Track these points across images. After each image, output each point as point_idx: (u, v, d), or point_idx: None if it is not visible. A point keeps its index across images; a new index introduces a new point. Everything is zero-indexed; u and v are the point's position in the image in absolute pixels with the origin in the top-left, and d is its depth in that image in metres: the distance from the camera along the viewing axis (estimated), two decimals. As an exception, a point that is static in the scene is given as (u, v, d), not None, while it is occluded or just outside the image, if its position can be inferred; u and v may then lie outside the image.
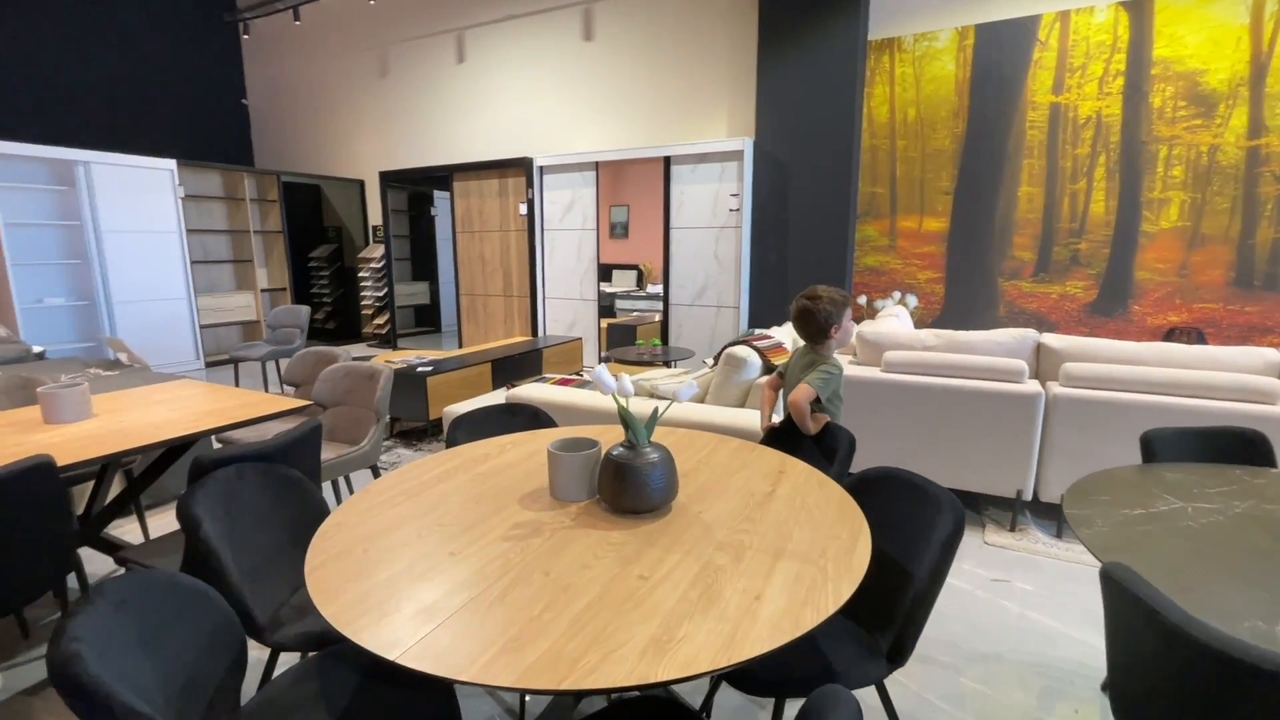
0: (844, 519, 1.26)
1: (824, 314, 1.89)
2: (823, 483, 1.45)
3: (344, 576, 1.06)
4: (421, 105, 7.07)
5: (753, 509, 1.32)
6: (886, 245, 5.02)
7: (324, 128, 7.90)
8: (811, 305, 1.91)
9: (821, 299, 1.91)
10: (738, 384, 2.69)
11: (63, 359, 3.73)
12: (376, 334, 7.80)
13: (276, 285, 7.29)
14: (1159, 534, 1.20)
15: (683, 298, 5.44)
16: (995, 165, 4.55)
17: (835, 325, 1.91)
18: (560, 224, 5.96)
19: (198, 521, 1.29)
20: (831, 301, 1.90)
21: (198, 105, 7.79)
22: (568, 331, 6.11)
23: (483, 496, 1.39)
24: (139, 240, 5.85)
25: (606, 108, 5.97)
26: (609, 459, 1.29)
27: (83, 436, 1.88)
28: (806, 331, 1.95)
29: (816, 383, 1.86)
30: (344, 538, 1.20)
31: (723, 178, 5.06)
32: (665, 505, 1.31)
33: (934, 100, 4.67)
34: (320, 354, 2.96)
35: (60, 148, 5.33)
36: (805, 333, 1.96)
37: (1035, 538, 2.60)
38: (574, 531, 1.22)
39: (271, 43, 8.04)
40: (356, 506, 1.34)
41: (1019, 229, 4.56)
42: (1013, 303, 4.67)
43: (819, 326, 1.91)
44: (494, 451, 1.69)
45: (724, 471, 1.53)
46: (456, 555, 1.13)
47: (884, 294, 5.02)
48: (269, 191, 7.15)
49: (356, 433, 2.56)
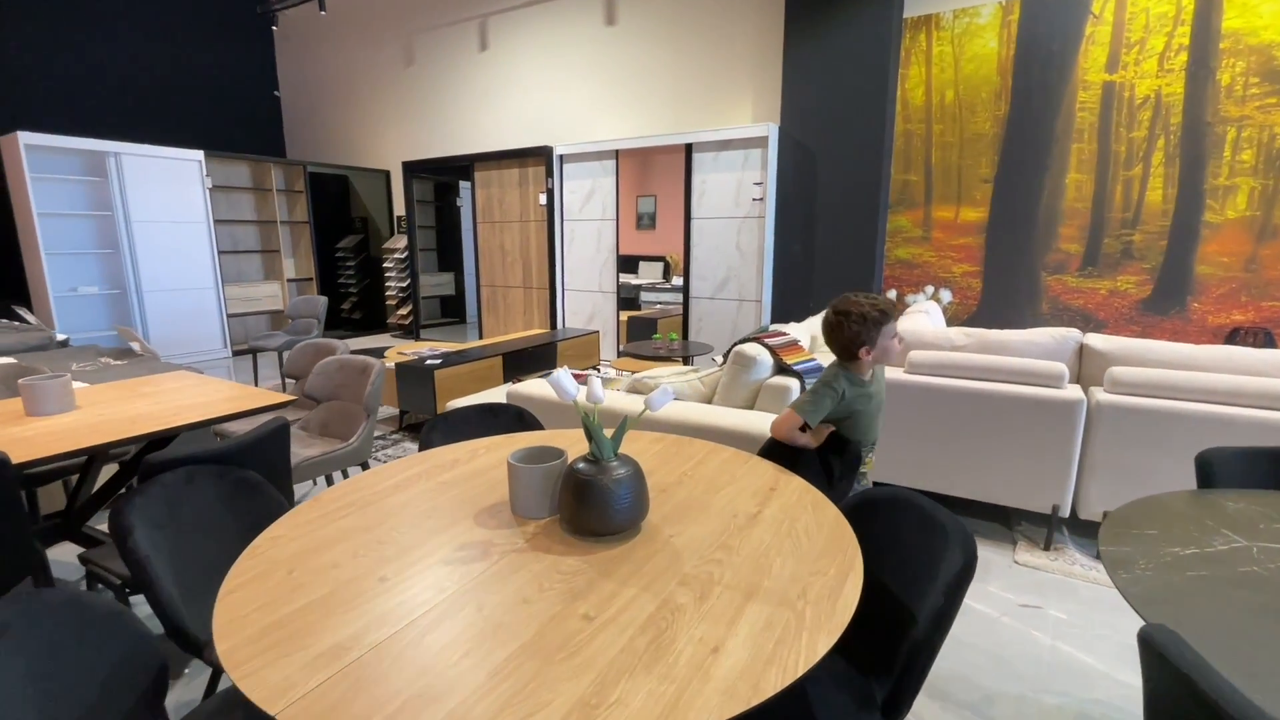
0: (834, 549, 1.10)
1: (851, 333, 1.60)
2: (817, 504, 1.28)
3: (256, 603, 0.95)
4: (445, 94, 7.02)
5: (732, 534, 1.16)
6: (920, 236, 4.73)
7: (351, 118, 7.93)
8: (837, 321, 1.62)
9: (850, 315, 1.60)
10: (746, 384, 2.51)
11: (81, 347, 3.77)
12: (400, 325, 7.83)
13: (303, 275, 7.36)
14: (1216, 582, 1.00)
15: (703, 290, 5.26)
16: (1041, 150, 4.23)
17: (866, 347, 1.61)
18: (580, 214, 5.83)
19: (127, 530, 1.20)
20: (863, 320, 1.59)
21: (231, 97, 7.89)
22: (587, 324, 5.99)
23: (437, 510, 1.26)
24: (168, 230, 5.95)
25: (627, 95, 5.80)
26: (570, 474, 1.15)
27: (60, 430, 1.83)
28: (835, 349, 1.69)
29: (804, 408, 1.65)
30: (274, 555, 1.09)
31: (746, 166, 4.84)
32: (632, 526, 1.17)
33: (974, 81, 4.37)
34: (319, 346, 2.90)
35: (91, 139, 5.43)
36: (834, 349, 1.70)
37: (1072, 558, 2.37)
38: (524, 556, 1.08)
39: (301, 35, 8.09)
40: (299, 518, 1.24)
41: (1065, 219, 4.23)
42: (1057, 298, 4.35)
43: (844, 346, 1.64)
44: (464, 457, 1.56)
45: (708, 487, 1.38)
46: (387, 581, 1.01)
47: (916, 288, 4.75)
48: (296, 182, 7.21)
49: (348, 428, 2.48)
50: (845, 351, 1.66)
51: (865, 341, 1.61)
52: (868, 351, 1.62)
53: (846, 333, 1.61)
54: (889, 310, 1.61)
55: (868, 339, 1.61)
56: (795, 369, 2.53)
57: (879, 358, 1.65)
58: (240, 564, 1.06)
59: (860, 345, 1.61)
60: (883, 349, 1.63)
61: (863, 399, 1.68)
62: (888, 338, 1.63)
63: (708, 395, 2.64)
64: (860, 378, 1.68)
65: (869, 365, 1.68)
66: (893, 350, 1.65)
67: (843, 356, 1.68)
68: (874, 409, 1.73)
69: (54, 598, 0.96)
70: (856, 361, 1.66)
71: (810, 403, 1.65)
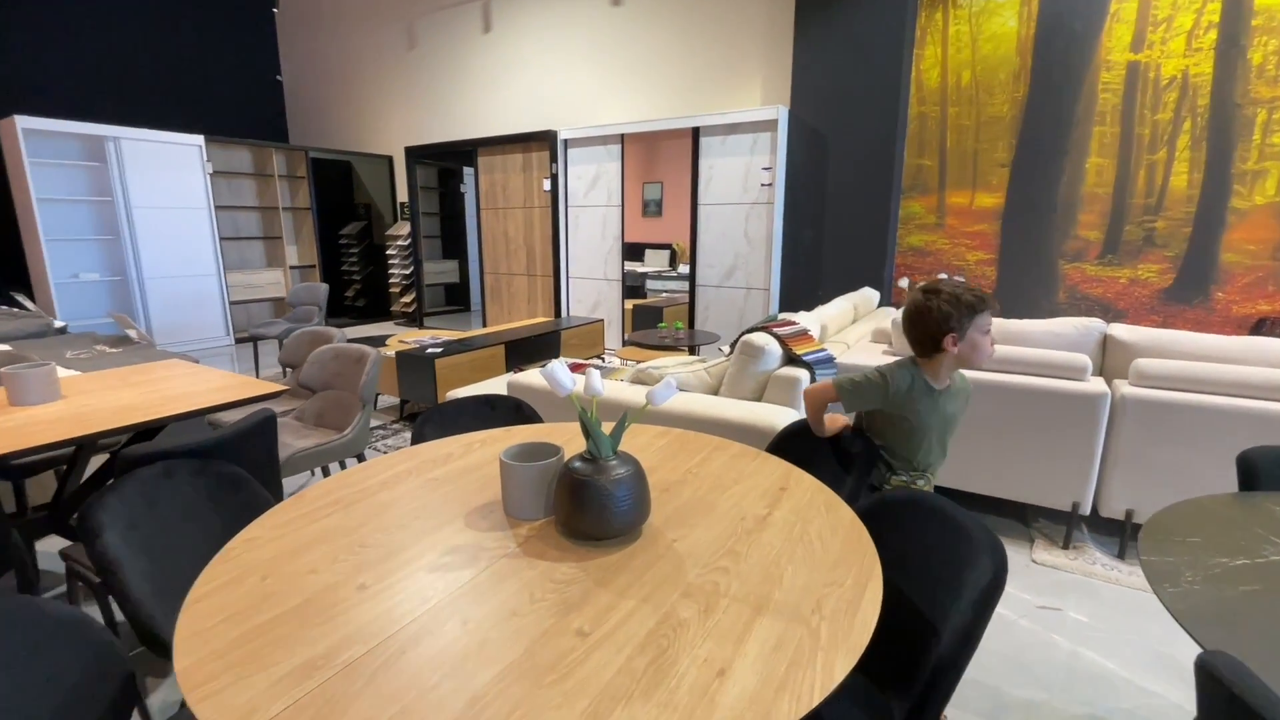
0: (850, 557, 1.01)
1: (940, 314, 1.39)
2: (831, 506, 1.19)
3: (223, 613, 0.88)
4: (448, 78, 6.89)
5: (740, 538, 1.08)
6: (933, 223, 4.60)
7: (354, 103, 7.82)
8: (924, 300, 1.42)
9: (940, 294, 1.40)
10: (754, 375, 2.42)
11: (78, 334, 3.72)
12: (404, 312, 7.76)
13: (306, 262, 7.30)
14: (1274, 597, 0.91)
15: (710, 278, 5.15)
16: (1060, 134, 4.08)
17: (952, 333, 1.39)
18: (584, 200, 5.72)
19: (97, 530, 1.13)
20: (955, 301, 1.38)
21: (232, 81, 7.79)
22: (591, 313, 5.91)
23: (426, 509, 1.19)
24: (169, 216, 5.88)
25: (633, 77, 5.66)
26: (565, 473, 1.07)
27: (43, 420, 1.76)
28: (913, 336, 1.46)
29: (844, 385, 1.50)
30: (248, 559, 1.02)
31: (755, 150, 4.72)
32: (632, 530, 1.08)
33: (992, 61, 4.21)
34: (316, 334, 2.83)
35: (90, 123, 5.35)
36: (912, 337, 1.47)
37: (1093, 557, 2.28)
38: (516, 562, 1.00)
39: (302, 17, 7.96)
40: (279, 517, 1.16)
41: (1085, 205, 4.09)
42: (1074, 287, 4.23)
43: (926, 332, 1.42)
44: (458, 451, 1.49)
45: (715, 486, 1.29)
46: (367, 590, 0.93)
47: (929, 277, 4.63)
48: (298, 168, 7.12)
49: (343, 419, 2.41)
50: (926, 341, 1.44)
51: (954, 328, 1.39)
52: (954, 340, 1.40)
53: (933, 315, 1.40)
54: (986, 300, 1.41)
55: (957, 325, 1.39)
56: (805, 359, 2.44)
57: (966, 354, 1.42)
58: (211, 569, 0.99)
59: (947, 332, 1.40)
60: (972, 343, 1.41)
61: (927, 408, 1.47)
62: (980, 330, 1.40)
63: (714, 386, 2.56)
64: (932, 381, 1.47)
65: (950, 365, 1.46)
66: (984, 348, 1.42)
67: (921, 349, 1.46)
68: (938, 425, 1.49)
69: (4, 605, 0.89)
70: (936, 358, 1.45)
71: (852, 382, 1.50)
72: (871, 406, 1.53)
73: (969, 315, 1.39)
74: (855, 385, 1.50)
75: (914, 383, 1.47)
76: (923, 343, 1.45)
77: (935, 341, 1.42)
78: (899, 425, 1.50)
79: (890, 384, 1.46)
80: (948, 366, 1.47)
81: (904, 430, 1.50)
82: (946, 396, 1.49)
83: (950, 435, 1.54)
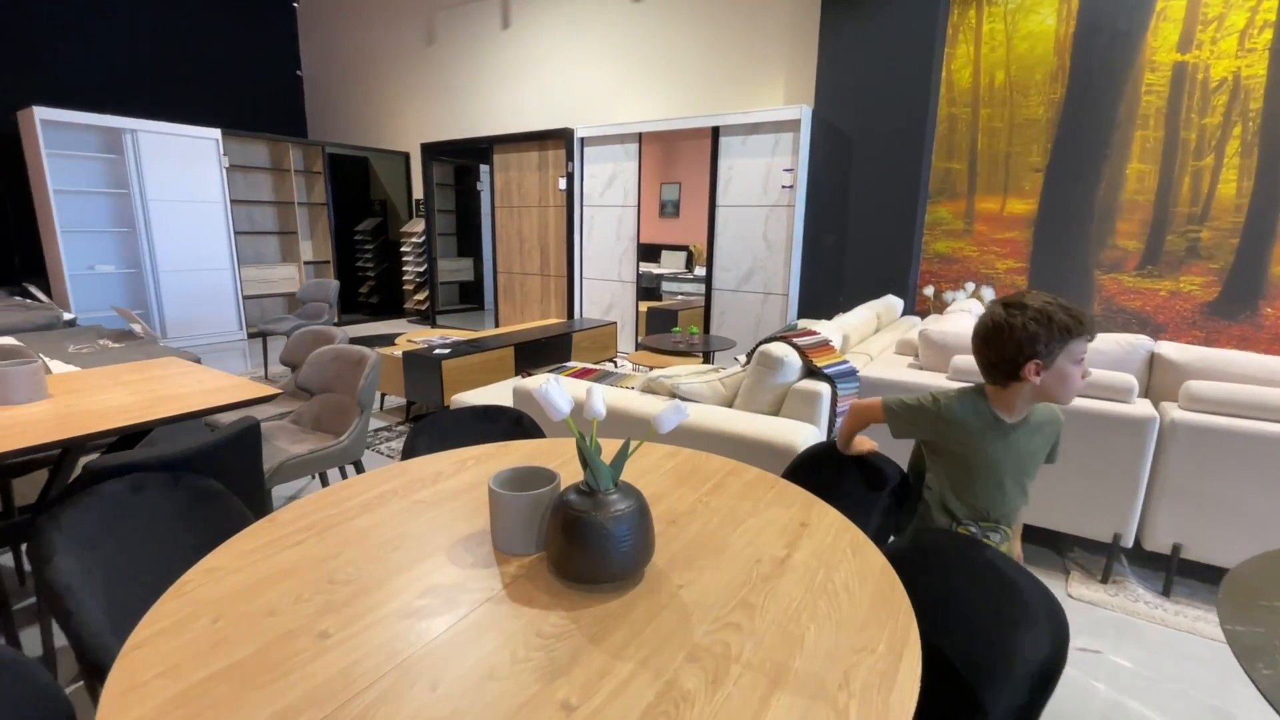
0: (882, 614, 0.88)
1: (1024, 335, 1.14)
2: (857, 547, 1.06)
3: (163, 665, 0.77)
4: (465, 74, 6.83)
5: (755, 586, 0.95)
6: (961, 229, 4.43)
7: (372, 98, 7.79)
8: (1007, 317, 1.17)
9: (1027, 310, 1.15)
10: (772, 388, 2.29)
11: (84, 328, 3.69)
12: (417, 310, 7.71)
13: (320, 258, 7.27)
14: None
15: (727, 282, 5.01)
16: (1099, 138, 3.89)
17: (1037, 360, 1.14)
18: (600, 200, 5.61)
19: (46, 554, 1.03)
20: (1045, 321, 1.13)
21: (251, 75, 7.80)
22: (605, 314, 5.79)
23: (406, 538, 1.08)
24: (185, 209, 5.87)
25: (652, 75, 5.54)
26: (560, 506, 0.95)
27: (23, 421, 1.68)
28: (986, 359, 1.22)
29: (892, 405, 1.31)
30: (203, 595, 0.91)
31: (776, 151, 4.57)
32: (633, 574, 0.96)
33: (1028, 61, 4.03)
34: (317, 334, 2.74)
35: (108, 115, 5.35)
36: (984, 360, 1.23)
37: (1135, 593, 2.12)
38: (500, 609, 0.89)
39: (323, 11, 7.95)
40: (246, 543, 1.06)
41: (1124, 213, 3.90)
42: (1110, 299, 4.03)
43: (1002, 356, 1.18)
44: (449, 469, 1.38)
45: (728, 518, 1.17)
46: (328, 639, 0.82)
47: (956, 285, 4.45)
48: (315, 163, 7.10)
49: (341, 424, 2.32)
50: (1001, 366, 1.19)
51: (1038, 354, 1.14)
52: (1037, 369, 1.15)
53: (1015, 335, 1.15)
54: (1085, 321, 1.14)
55: (1044, 351, 1.13)
56: (826, 372, 2.30)
57: (1051, 387, 1.16)
58: (160, 606, 0.89)
59: (1030, 358, 1.14)
60: (1060, 374, 1.15)
61: (993, 444, 1.24)
62: (1072, 359, 1.15)
63: (729, 398, 2.43)
64: (998, 411, 1.24)
65: (1028, 398, 1.21)
66: (1073, 381, 1.16)
67: (993, 375, 1.22)
68: (1011, 464, 1.25)
69: (-80, 649, 0.79)
70: (1011, 388, 1.20)
71: (902, 404, 1.30)
72: (921, 435, 1.33)
73: (1061, 339, 1.13)
74: (905, 408, 1.31)
75: (976, 413, 1.25)
76: (996, 368, 1.21)
77: (1013, 368, 1.17)
78: (960, 462, 1.28)
79: (943, 411, 1.26)
80: (1025, 399, 1.22)
81: (964, 469, 1.27)
82: (1022, 431, 1.25)
83: (1030, 476, 1.29)
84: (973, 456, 1.26)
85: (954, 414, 1.26)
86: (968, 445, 1.26)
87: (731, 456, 2.12)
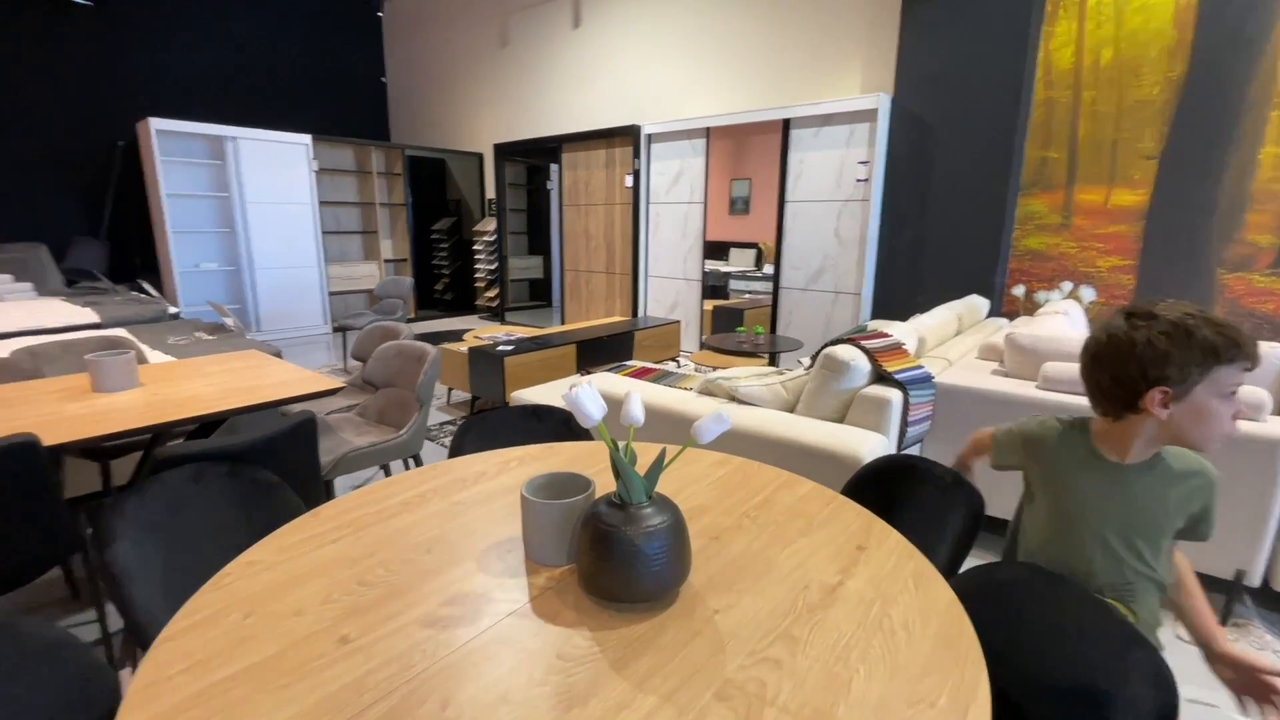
0: (946, 660, 0.77)
1: (1150, 353, 0.89)
2: (921, 578, 0.95)
3: (189, 660, 0.77)
4: (537, 75, 6.93)
5: (800, 616, 0.86)
6: (1058, 223, 4.06)
7: (450, 101, 8.05)
8: (1128, 330, 0.93)
9: (1156, 322, 0.90)
10: (836, 393, 2.15)
11: (185, 320, 3.98)
12: (488, 307, 7.92)
13: (399, 256, 7.59)
14: None
15: (796, 280, 4.83)
16: (1226, 119, 3.46)
17: (1164, 390, 0.90)
18: (666, 197, 5.55)
19: (108, 538, 1.07)
20: (1181, 335, 0.88)
21: (339, 83, 8.24)
22: (669, 313, 5.73)
23: (439, 541, 1.05)
24: (278, 211, 6.27)
25: (722, 67, 5.41)
26: (589, 518, 0.90)
27: (113, 409, 1.81)
28: (1095, 381, 0.99)
29: (1000, 433, 1.17)
30: (239, 589, 0.92)
31: (851, 142, 4.35)
32: (666, 594, 0.89)
33: (1141, 36, 3.63)
34: (385, 329, 2.83)
35: (213, 124, 5.79)
36: (1092, 382, 0.99)
37: (1260, 639, 1.84)
38: (523, 624, 0.84)
39: (405, 21, 8.30)
40: (288, 538, 1.07)
41: (1256, 203, 3.44)
42: (1236, 301, 3.58)
43: (1120, 376, 0.93)
44: (492, 470, 1.35)
45: (776, 537, 1.08)
46: (348, 645, 0.80)
47: (1050, 285, 4.09)
48: (395, 165, 7.42)
49: (403, 418, 2.37)
50: (1114, 391, 0.95)
51: (1167, 379, 0.89)
52: (1164, 400, 0.90)
53: (1136, 352, 0.90)
54: (1241, 343, 0.87)
55: (1176, 376, 0.88)
56: (896, 377, 2.14)
57: (1184, 425, 0.91)
58: (196, 599, 0.90)
59: (1155, 384, 0.90)
60: (1197, 410, 0.89)
61: (1088, 480, 1.02)
62: (1218, 391, 0.88)
63: (790, 403, 2.31)
64: (1101, 449, 1.02)
65: (1148, 439, 0.96)
66: (1216, 422, 0.89)
67: (1103, 402, 0.98)
68: (1116, 519, 1.00)
69: (-20, 628, 0.83)
70: (1126, 421, 0.96)
71: (1006, 429, 1.17)
72: (1014, 464, 1.16)
73: (1203, 364, 0.87)
74: (1006, 433, 1.17)
75: (1067, 444, 1.04)
76: (1107, 395, 0.96)
77: (1130, 396, 0.92)
78: (1052, 505, 1.07)
79: (1033, 433, 1.08)
80: (1146, 439, 0.96)
81: (1057, 514, 1.06)
82: (1144, 477, 0.99)
83: (1153, 540, 1.00)
84: (1065, 499, 1.05)
85: (1044, 439, 1.09)
86: (1058, 483, 1.07)
87: (791, 465, 2.01)
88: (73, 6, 6.08)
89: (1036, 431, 1.11)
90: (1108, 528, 1.02)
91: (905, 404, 2.12)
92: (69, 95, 6.17)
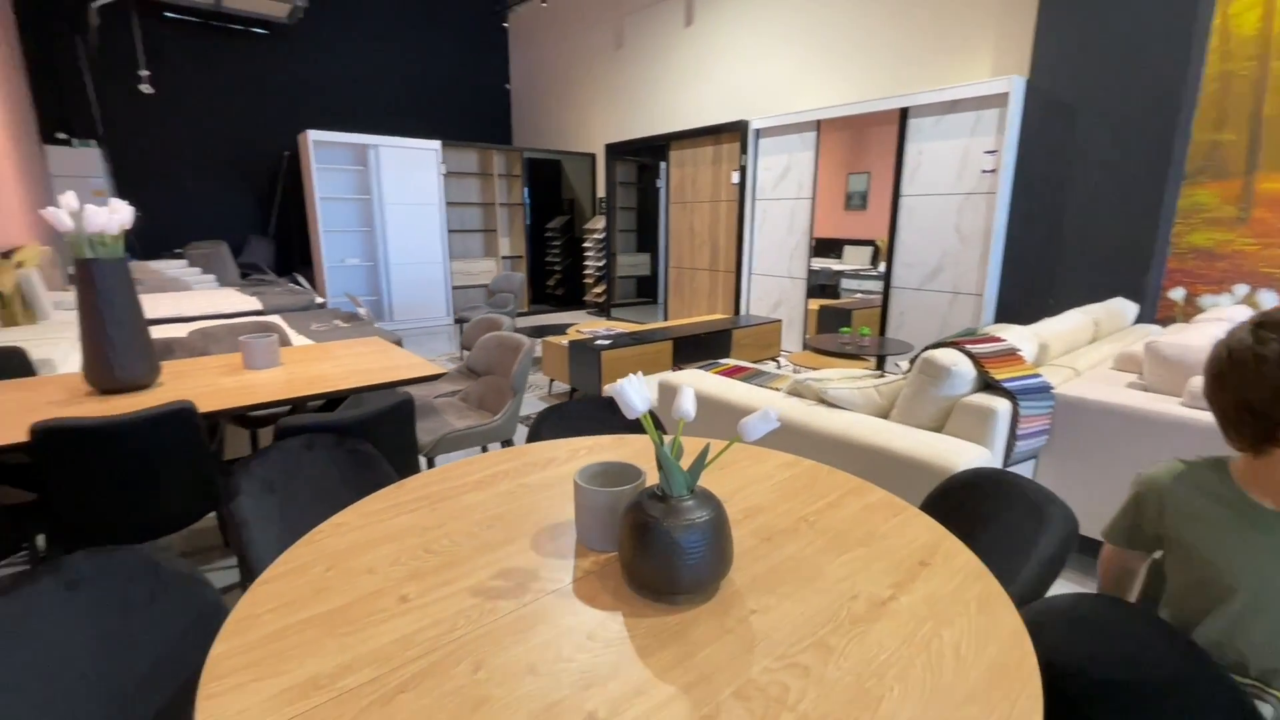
0: (996, 692, 0.71)
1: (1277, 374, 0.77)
2: (986, 602, 0.87)
3: (276, 601, 0.89)
4: (649, 74, 7.03)
5: (840, 626, 0.83)
6: (1233, 217, 3.50)
7: (566, 104, 8.38)
8: (1254, 345, 0.79)
9: None
10: (935, 400, 2.01)
11: (328, 309, 4.48)
12: (596, 302, 8.17)
13: (515, 253, 8.03)
14: None
15: (909, 279, 4.54)
16: None
17: None
18: (773, 193, 5.42)
19: (234, 492, 1.25)
20: None
21: (468, 91, 8.85)
22: (772, 311, 5.60)
23: (500, 520, 1.12)
24: (410, 211, 6.86)
25: (835, 57, 5.19)
26: (631, 507, 0.92)
27: (257, 384, 2.08)
28: (1222, 407, 0.85)
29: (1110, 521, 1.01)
30: (327, 545, 1.04)
31: (976, 130, 4.01)
32: (703, 589, 0.89)
33: (1354, -9, 3.03)
34: (490, 321, 3.02)
35: (358, 134, 6.45)
36: (1220, 408, 0.86)
37: None
38: (562, 603, 0.88)
39: (527, 29, 8.73)
40: (373, 505, 1.19)
41: None
42: None
43: (1251, 400, 0.79)
44: (562, 456, 1.41)
45: (832, 544, 1.04)
46: (407, 603, 0.88)
47: (1219, 288, 3.54)
48: (514, 167, 7.84)
49: (499, 404, 2.53)
50: (1243, 419, 0.81)
51: None
52: None
53: (1264, 370, 0.77)
54: None
55: None
56: (1005, 386, 1.96)
57: None
58: (292, 551, 1.03)
59: None
60: None
61: (1237, 537, 0.84)
62: None
63: (885, 409, 2.19)
64: (1249, 492, 0.85)
65: None
66: None
67: (1236, 432, 0.84)
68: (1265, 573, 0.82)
69: (129, 558, 1.00)
70: (1269, 455, 0.81)
71: (1119, 514, 1.01)
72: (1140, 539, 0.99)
73: None
74: (1122, 509, 1.01)
75: (1205, 493, 0.88)
76: (1239, 423, 0.82)
77: (1263, 424, 0.79)
78: (1189, 572, 0.90)
79: (1148, 489, 0.92)
80: None
81: (1196, 583, 0.89)
82: None
83: None
84: (1204, 564, 0.87)
85: (1163, 492, 0.90)
86: (1194, 545, 0.88)
87: (879, 474, 1.90)
88: (252, 35, 7.02)
89: (1153, 480, 0.93)
90: (1272, 597, 0.82)
91: (1014, 415, 1.94)
92: (248, 112, 7.15)
